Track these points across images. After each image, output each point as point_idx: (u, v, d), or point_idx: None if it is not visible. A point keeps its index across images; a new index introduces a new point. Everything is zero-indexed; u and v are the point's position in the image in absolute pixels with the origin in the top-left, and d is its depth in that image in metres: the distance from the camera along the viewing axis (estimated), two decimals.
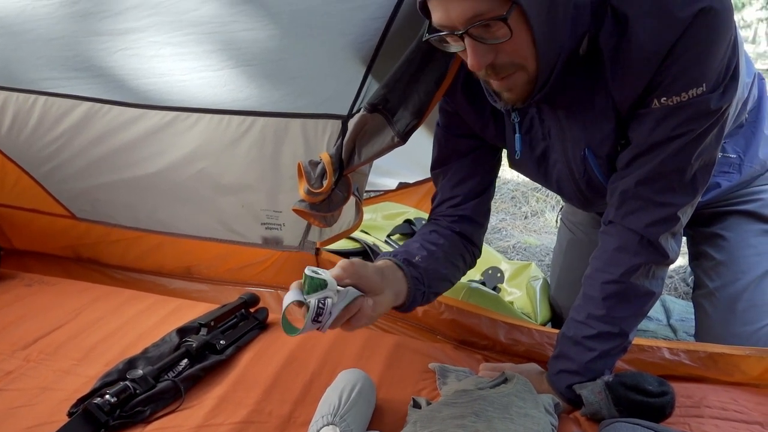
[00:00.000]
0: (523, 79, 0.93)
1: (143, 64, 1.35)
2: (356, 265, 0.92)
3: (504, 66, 0.90)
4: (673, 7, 0.88)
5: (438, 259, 1.14)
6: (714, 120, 0.94)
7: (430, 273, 1.11)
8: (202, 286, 1.66)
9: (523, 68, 0.91)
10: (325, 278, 0.85)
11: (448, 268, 1.18)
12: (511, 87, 0.95)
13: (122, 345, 1.22)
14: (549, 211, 2.79)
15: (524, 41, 0.87)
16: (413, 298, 1.07)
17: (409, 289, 1.06)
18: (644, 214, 1.02)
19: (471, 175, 1.22)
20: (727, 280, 1.33)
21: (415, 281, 1.07)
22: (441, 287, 1.18)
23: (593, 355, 1.06)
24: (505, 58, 0.89)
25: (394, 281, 1.03)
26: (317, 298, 0.83)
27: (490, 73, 0.91)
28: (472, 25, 0.84)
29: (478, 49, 0.86)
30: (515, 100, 0.98)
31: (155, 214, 1.61)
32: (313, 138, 1.36)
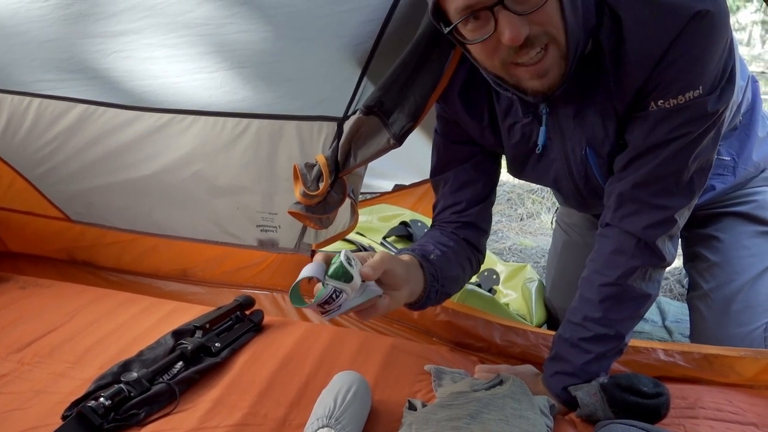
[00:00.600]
0: (556, 55, 0.89)
1: (138, 66, 1.35)
2: (387, 261, 0.90)
3: (538, 37, 0.86)
4: (668, 10, 0.88)
5: (450, 260, 1.14)
6: (711, 123, 0.95)
7: (444, 272, 1.10)
8: (197, 288, 1.65)
9: (555, 41, 0.88)
10: (353, 274, 0.82)
11: (458, 270, 1.17)
12: (544, 70, 0.90)
13: (117, 348, 1.22)
14: (545, 212, 2.80)
15: (554, 10, 0.85)
16: (427, 296, 1.06)
17: (425, 287, 1.05)
18: (641, 217, 1.02)
19: (472, 181, 1.22)
20: (721, 281, 1.33)
21: (432, 279, 1.06)
22: (452, 288, 1.17)
23: (589, 357, 1.06)
24: (538, 29, 0.85)
25: (414, 279, 1.02)
26: (334, 287, 0.81)
27: (525, 49, 0.87)
28: None
29: (515, 19, 0.83)
30: (548, 86, 0.93)
31: (150, 216, 1.60)
32: (308, 140, 1.36)
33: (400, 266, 0.95)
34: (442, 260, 1.11)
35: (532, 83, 0.93)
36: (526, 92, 0.96)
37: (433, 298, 1.09)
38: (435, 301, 1.12)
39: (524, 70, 0.91)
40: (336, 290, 0.81)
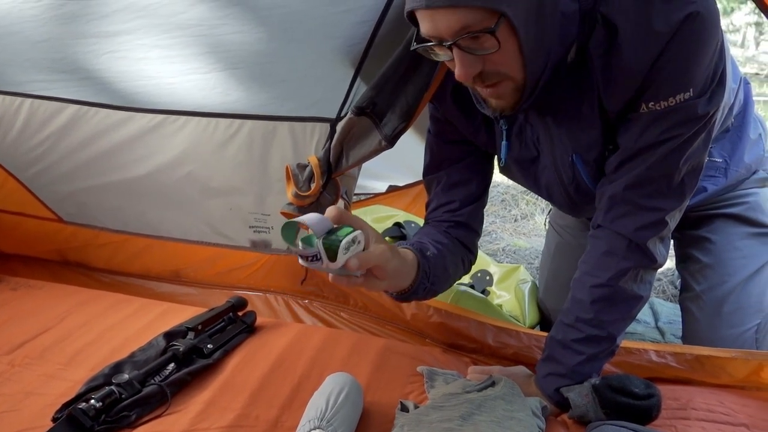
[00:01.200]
0: (510, 87, 0.93)
1: (131, 67, 1.34)
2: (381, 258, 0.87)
3: (491, 75, 0.90)
4: (660, 14, 0.88)
5: (444, 258, 1.14)
6: (701, 125, 0.95)
7: (437, 270, 1.10)
8: (189, 289, 1.65)
9: (509, 77, 0.91)
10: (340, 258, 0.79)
11: (451, 268, 1.17)
12: (499, 95, 0.95)
13: (108, 349, 1.21)
14: (538, 214, 2.80)
15: (512, 52, 0.87)
16: (414, 291, 1.04)
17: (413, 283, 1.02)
18: (633, 219, 1.02)
19: (465, 180, 1.22)
20: (713, 282, 1.34)
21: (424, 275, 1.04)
22: (441, 286, 1.15)
23: (581, 358, 1.06)
24: (492, 68, 0.89)
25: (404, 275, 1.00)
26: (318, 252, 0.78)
27: (478, 81, 0.91)
28: (460, 37, 0.84)
29: (465, 59, 0.87)
30: (504, 107, 0.98)
31: (143, 217, 1.60)
32: (301, 141, 1.36)
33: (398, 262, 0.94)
34: (437, 257, 1.11)
35: (490, 101, 0.98)
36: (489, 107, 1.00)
37: (419, 294, 1.08)
38: (421, 297, 1.11)
39: (481, 90, 0.95)
40: (318, 255, 0.79)
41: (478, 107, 1.06)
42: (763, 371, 1.15)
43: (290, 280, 1.57)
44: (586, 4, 0.93)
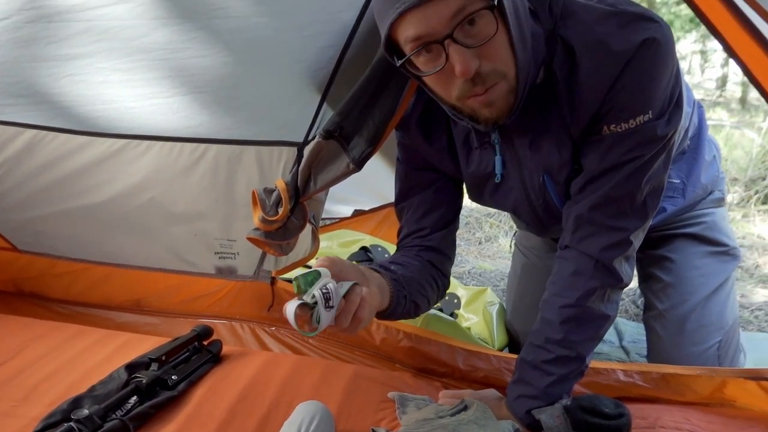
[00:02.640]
0: (504, 89, 0.91)
1: (91, 91, 1.31)
2: (333, 258, 0.90)
3: (488, 74, 0.88)
4: (617, 38, 0.91)
5: (413, 273, 1.13)
6: (661, 146, 0.98)
7: (408, 280, 1.09)
8: (152, 319, 1.60)
9: (505, 77, 0.90)
10: (317, 269, 0.84)
11: (423, 284, 1.16)
12: (493, 100, 0.92)
13: (67, 383, 1.16)
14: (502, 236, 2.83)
15: (504, 44, 0.87)
16: (397, 300, 1.04)
17: (391, 290, 1.03)
18: (598, 239, 1.04)
19: (435, 207, 1.22)
20: (675, 301, 1.36)
21: (396, 283, 1.05)
22: (420, 300, 1.14)
23: (552, 379, 1.06)
24: (488, 66, 0.87)
25: (374, 278, 1.00)
26: (319, 288, 0.81)
27: (477, 81, 0.89)
28: (458, 23, 0.83)
29: (464, 53, 0.84)
30: (497, 115, 0.96)
31: (103, 244, 1.55)
32: (268, 165, 1.35)
33: (350, 267, 0.93)
34: (404, 270, 1.11)
35: (483, 111, 0.95)
36: (480, 121, 0.98)
37: (403, 304, 1.07)
38: (405, 310, 1.10)
39: (475, 100, 0.93)
40: (322, 290, 0.81)
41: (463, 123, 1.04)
42: (726, 388, 1.17)
43: (257, 306, 1.54)
44: (546, 25, 0.95)
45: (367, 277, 0.98)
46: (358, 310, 0.86)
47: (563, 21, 0.95)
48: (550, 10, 0.95)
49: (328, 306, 0.81)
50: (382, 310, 1.04)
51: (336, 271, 0.88)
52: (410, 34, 0.86)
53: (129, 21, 1.20)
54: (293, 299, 0.84)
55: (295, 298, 0.83)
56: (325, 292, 0.81)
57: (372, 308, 0.91)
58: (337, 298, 0.82)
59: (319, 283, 0.82)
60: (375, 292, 0.95)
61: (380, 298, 1.00)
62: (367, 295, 0.87)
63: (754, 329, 1.93)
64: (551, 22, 0.95)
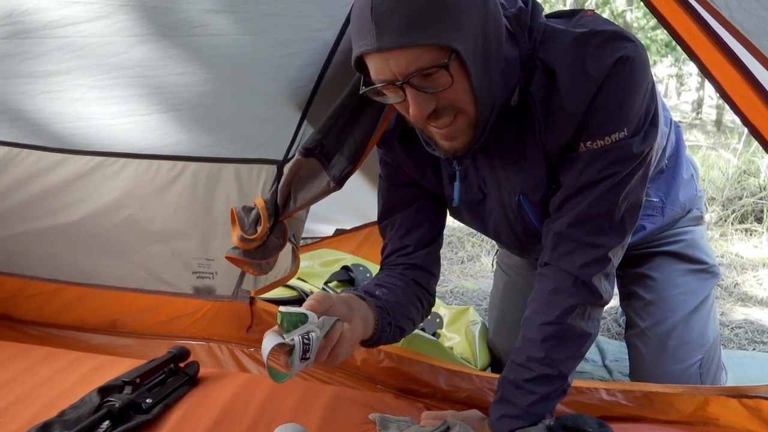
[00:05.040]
0: (464, 123, 0.93)
1: (67, 108, 1.30)
2: (321, 296, 0.90)
3: (445, 110, 0.90)
4: (593, 58, 0.93)
5: (398, 296, 1.13)
6: (637, 163, 0.99)
7: (393, 305, 1.09)
8: (128, 340, 1.56)
9: (462, 112, 0.92)
10: (305, 312, 0.83)
11: (409, 306, 1.16)
12: (454, 134, 0.95)
13: (35, 408, 1.11)
14: (484, 255, 2.83)
15: (463, 88, 0.89)
16: (381, 328, 1.04)
17: (376, 318, 1.03)
18: (577, 256, 1.04)
19: (418, 224, 1.22)
20: (657, 319, 1.37)
21: (381, 310, 1.05)
22: (405, 324, 1.15)
23: (534, 398, 1.05)
24: (445, 103, 0.89)
25: (359, 309, 1.00)
26: (300, 335, 0.80)
27: (432, 119, 0.91)
28: (413, 75, 0.84)
29: (420, 98, 0.87)
30: (458, 147, 0.98)
31: (77, 264, 1.52)
32: (247, 183, 1.34)
33: (339, 302, 0.94)
34: (389, 295, 1.10)
35: (443, 143, 0.98)
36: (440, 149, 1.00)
37: (387, 331, 1.07)
38: (390, 335, 1.10)
39: (435, 131, 0.95)
40: (303, 336, 0.80)
41: (428, 149, 1.06)
42: (708, 406, 1.17)
43: (235, 327, 1.52)
44: (525, 50, 0.96)
45: (353, 308, 0.98)
46: (335, 347, 0.87)
47: (543, 45, 0.97)
48: (529, 34, 0.97)
49: (304, 357, 0.81)
50: (366, 339, 1.03)
51: (324, 308, 0.88)
52: (373, 72, 0.88)
53: (106, 38, 1.20)
54: (273, 332, 0.82)
55: (276, 332, 0.82)
56: (306, 342, 0.80)
57: (352, 344, 0.92)
58: (315, 350, 0.82)
59: (303, 329, 0.81)
60: (358, 327, 0.96)
61: (363, 330, 1.00)
62: (347, 332, 0.88)
63: (734, 347, 1.94)
64: (530, 46, 0.97)
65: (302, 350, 0.80)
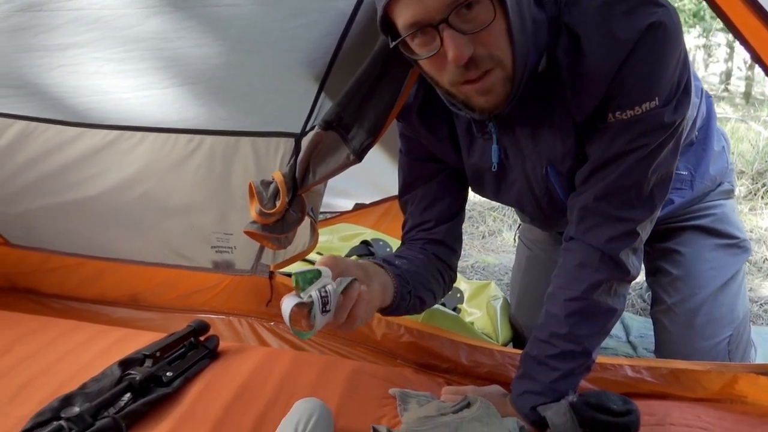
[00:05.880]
0: (500, 76, 0.89)
1: (83, 82, 1.28)
2: (337, 257, 0.88)
3: (483, 59, 0.86)
4: (622, 23, 0.88)
5: (418, 267, 1.11)
6: (668, 134, 0.95)
7: (413, 275, 1.07)
8: (148, 314, 1.57)
9: (500, 63, 0.87)
10: (317, 268, 0.82)
11: (429, 278, 1.14)
12: (489, 88, 0.90)
13: (58, 381, 1.13)
14: (506, 230, 2.80)
15: (501, 31, 0.85)
16: (401, 296, 1.03)
17: (395, 286, 1.02)
18: (604, 230, 1.01)
19: (439, 198, 1.19)
20: (685, 295, 1.33)
21: (400, 278, 1.03)
22: (425, 295, 1.13)
23: (557, 374, 1.03)
24: (484, 51, 0.85)
25: (377, 274, 0.98)
26: (317, 289, 0.79)
27: (471, 67, 0.86)
28: (454, 8, 0.80)
29: (459, 39, 0.82)
30: (493, 105, 0.93)
31: (97, 239, 1.52)
32: (264, 157, 1.32)
33: (353, 265, 0.92)
34: (408, 265, 1.08)
35: (478, 99, 0.93)
36: (475, 109, 0.95)
37: (407, 300, 1.05)
38: (410, 305, 1.08)
39: (470, 87, 0.90)
40: (320, 290, 0.80)
41: (459, 112, 1.02)
42: (737, 384, 1.15)
43: (255, 301, 1.51)
44: (551, 12, 0.92)
45: (370, 273, 0.96)
46: (354, 307, 0.84)
47: (568, 8, 0.92)
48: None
49: (325, 310, 0.80)
50: (385, 307, 1.02)
51: (338, 270, 0.86)
52: (406, 16, 0.83)
53: (121, 10, 1.17)
54: (290, 295, 0.81)
55: (293, 294, 0.81)
56: (324, 295, 0.79)
57: (370, 306, 0.90)
58: (334, 302, 0.80)
59: (318, 284, 0.80)
60: (376, 290, 0.94)
61: (382, 296, 0.98)
62: (365, 293, 0.85)
63: (763, 324, 1.90)
64: (556, 9, 0.92)
65: (321, 303, 0.79)
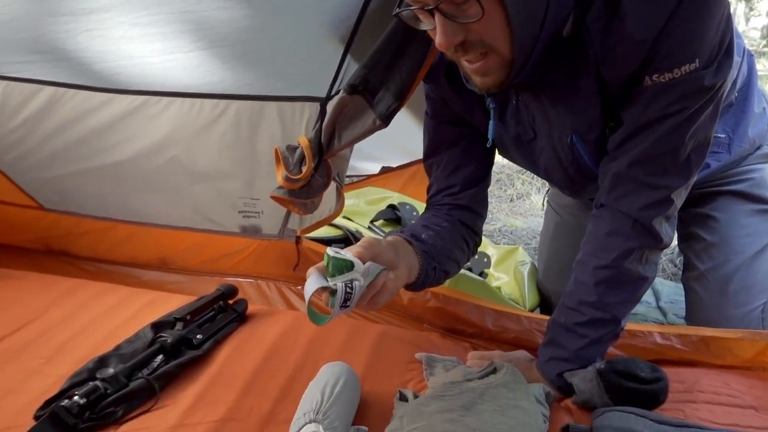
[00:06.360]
0: (496, 62, 0.88)
1: (110, 46, 1.28)
2: (371, 241, 0.89)
3: (474, 44, 0.85)
4: None
5: (444, 239, 1.11)
6: (708, 97, 0.91)
7: (439, 249, 1.08)
8: (178, 277, 1.60)
9: (495, 50, 0.86)
10: (351, 260, 0.82)
11: (454, 249, 1.14)
12: (484, 71, 0.89)
13: (93, 342, 1.16)
14: (535, 193, 2.76)
15: (498, 22, 0.82)
16: (426, 273, 1.03)
17: (420, 264, 1.02)
18: (637, 197, 0.98)
19: (465, 163, 1.18)
20: (718, 261, 1.30)
21: (426, 255, 1.04)
22: (450, 267, 1.14)
23: (585, 342, 1.03)
24: (474, 37, 0.84)
25: (406, 255, 1.00)
26: (344, 282, 0.80)
27: (460, 52, 0.86)
28: (442, 1, 0.79)
29: (447, 27, 0.82)
30: (490, 85, 0.93)
31: (127, 203, 1.54)
32: (290, 122, 1.31)
33: (387, 247, 0.93)
34: (435, 239, 1.08)
35: (475, 78, 0.92)
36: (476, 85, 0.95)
37: (432, 276, 1.06)
38: (434, 280, 1.09)
39: (468, 65, 0.89)
40: (347, 284, 0.80)
41: (465, 84, 1.00)
42: None
43: (282, 265, 1.53)
44: None
45: (400, 255, 0.97)
46: (376, 295, 0.86)
47: None
48: None
49: (345, 305, 0.80)
50: (410, 283, 1.02)
51: (373, 254, 0.87)
52: None
53: None
54: (318, 274, 0.82)
55: (320, 274, 0.82)
56: (348, 291, 0.80)
57: (392, 292, 0.91)
58: (356, 299, 0.81)
59: (347, 276, 0.81)
60: (402, 274, 0.95)
61: (407, 277, 0.99)
62: (390, 281, 0.88)
63: None
64: None
65: (343, 298, 0.80)
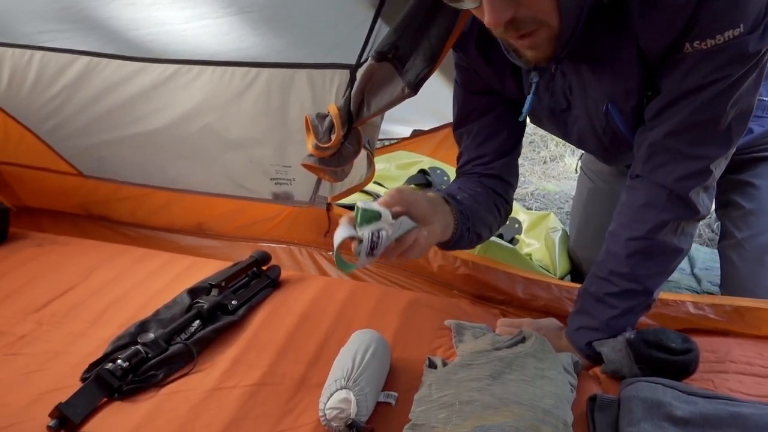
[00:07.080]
0: (546, 35, 0.84)
1: (140, 14, 1.28)
2: (405, 192, 0.88)
3: (525, 21, 0.81)
4: None
5: (478, 202, 1.11)
6: (752, 64, 0.86)
7: (474, 212, 1.07)
8: (213, 242, 1.64)
9: (545, 24, 0.83)
10: (379, 210, 0.82)
11: (487, 214, 1.14)
12: (534, 45, 0.86)
13: (135, 306, 1.21)
14: (569, 155, 2.71)
15: None
16: (460, 234, 1.03)
17: (455, 224, 1.02)
18: (674, 168, 0.95)
19: (495, 133, 1.16)
20: (756, 230, 1.27)
21: (461, 215, 1.03)
22: (483, 231, 1.13)
23: (615, 312, 1.02)
24: (525, 13, 0.80)
25: (443, 213, 0.99)
26: (371, 231, 0.81)
27: (510, 30, 0.82)
28: None
29: (496, 3, 0.77)
30: (539, 58, 0.90)
31: (163, 170, 1.57)
32: (320, 89, 1.30)
33: (423, 199, 0.92)
34: (470, 200, 1.08)
35: (526, 52, 0.89)
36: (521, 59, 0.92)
37: (465, 237, 1.06)
38: (468, 242, 1.09)
39: (514, 40, 0.86)
40: (374, 233, 0.81)
41: (509, 57, 0.97)
42: None
43: (314, 232, 1.55)
44: None
45: (437, 210, 0.96)
46: (406, 251, 0.85)
47: None
48: None
49: (372, 254, 0.81)
50: (444, 242, 1.02)
51: (407, 203, 0.86)
52: None
53: None
54: (347, 224, 0.83)
55: (350, 224, 0.83)
56: (375, 239, 0.80)
57: (424, 248, 0.89)
58: (383, 247, 0.81)
59: (375, 226, 0.81)
60: (435, 231, 0.93)
61: (441, 235, 0.98)
62: (422, 238, 0.86)
63: None
64: None
65: (369, 246, 0.80)
